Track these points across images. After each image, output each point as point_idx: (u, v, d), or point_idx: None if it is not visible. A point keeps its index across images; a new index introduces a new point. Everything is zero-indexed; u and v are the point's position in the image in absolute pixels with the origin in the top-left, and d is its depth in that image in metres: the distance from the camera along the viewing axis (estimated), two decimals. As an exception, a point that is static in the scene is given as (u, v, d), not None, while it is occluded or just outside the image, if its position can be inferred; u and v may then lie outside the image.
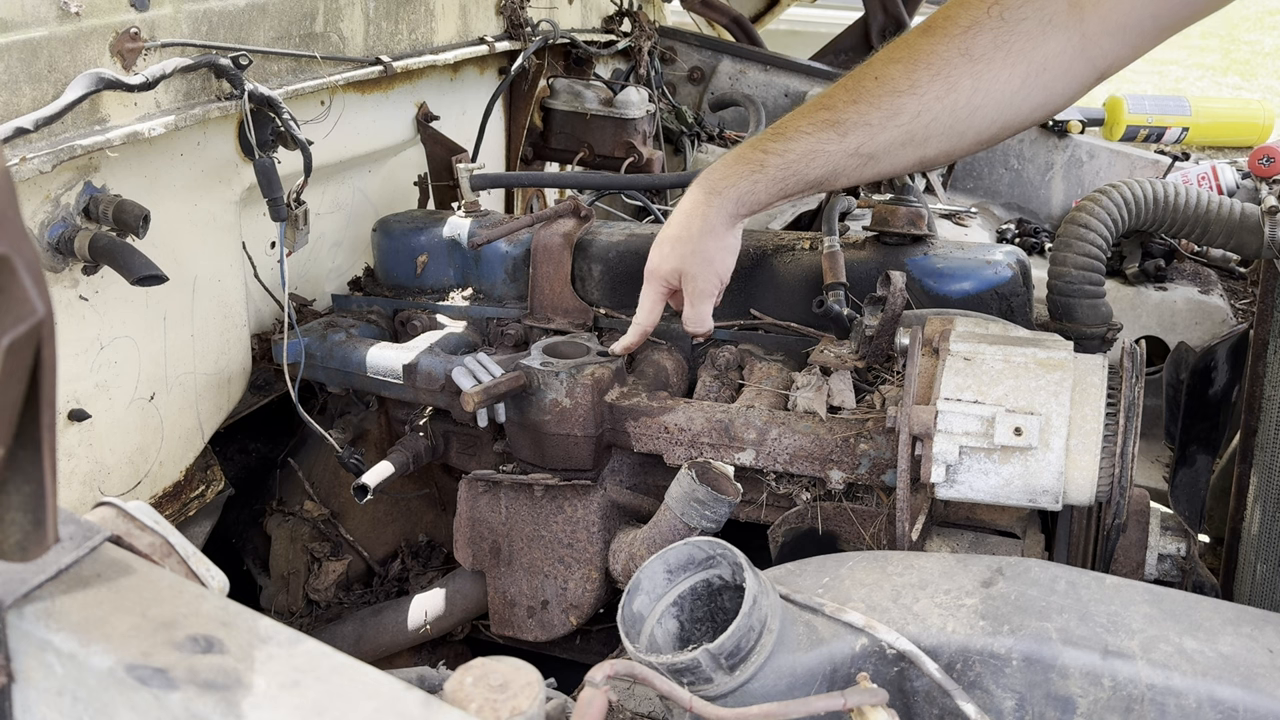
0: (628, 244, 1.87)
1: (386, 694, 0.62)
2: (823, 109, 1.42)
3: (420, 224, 2.01)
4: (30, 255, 0.55)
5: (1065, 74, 1.33)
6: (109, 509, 0.81)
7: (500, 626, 1.73)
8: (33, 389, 0.58)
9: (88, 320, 1.54)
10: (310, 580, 2.01)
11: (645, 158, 2.57)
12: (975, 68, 1.33)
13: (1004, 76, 1.32)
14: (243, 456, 2.14)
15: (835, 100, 1.42)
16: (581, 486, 1.63)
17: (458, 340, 1.86)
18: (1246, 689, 0.92)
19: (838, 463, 1.50)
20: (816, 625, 1.03)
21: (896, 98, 1.36)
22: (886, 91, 1.37)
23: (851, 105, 1.39)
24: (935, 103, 1.35)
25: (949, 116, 1.35)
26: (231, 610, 0.68)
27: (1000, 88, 1.33)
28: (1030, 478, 1.30)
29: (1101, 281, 1.82)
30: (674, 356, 1.79)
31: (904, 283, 1.51)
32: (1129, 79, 10.15)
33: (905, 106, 1.36)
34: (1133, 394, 1.30)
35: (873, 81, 1.38)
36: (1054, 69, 1.32)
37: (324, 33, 1.87)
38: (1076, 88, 1.36)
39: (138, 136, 1.48)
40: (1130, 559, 1.48)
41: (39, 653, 0.65)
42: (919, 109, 1.35)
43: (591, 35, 2.83)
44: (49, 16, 1.39)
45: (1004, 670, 0.97)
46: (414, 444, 1.78)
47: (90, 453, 1.58)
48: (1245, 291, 2.65)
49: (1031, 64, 1.32)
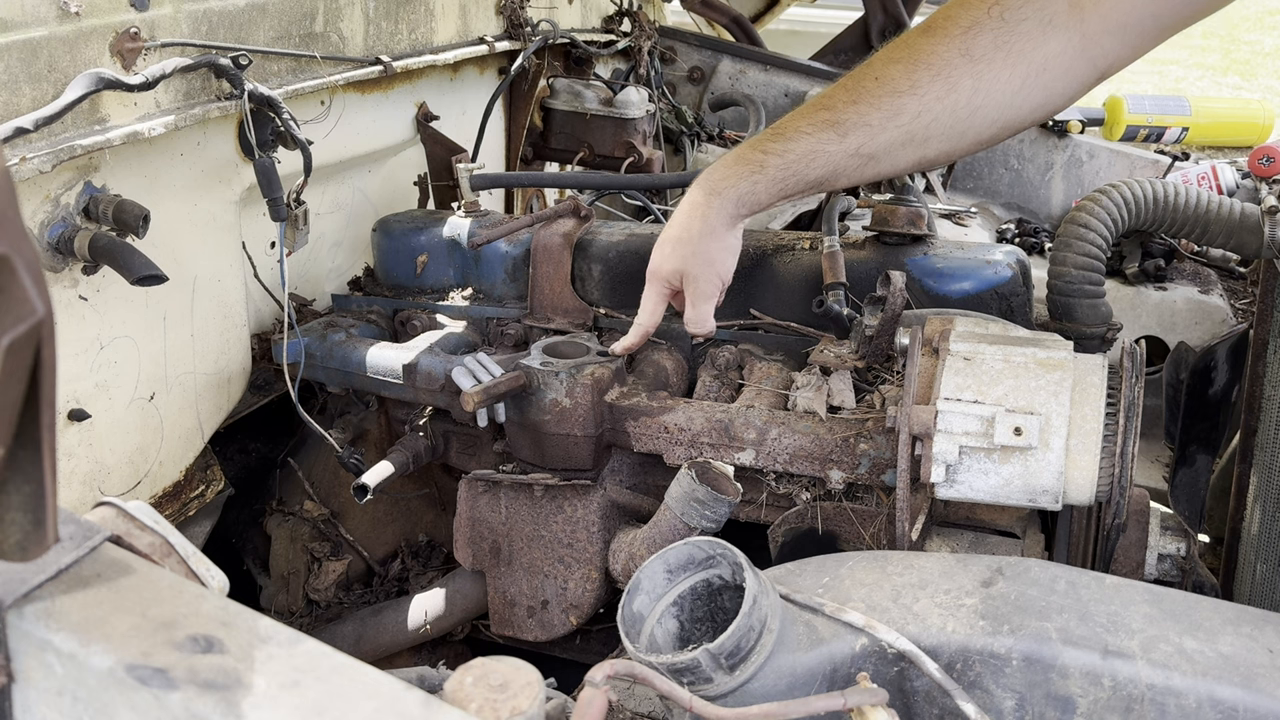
0: (628, 244, 1.87)
1: (386, 694, 0.62)
2: (823, 109, 1.42)
3: (420, 224, 2.01)
4: (30, 255, 0.55)
5: (1066, 74, 1.33)
6: (109, 509, 0.81)
7: (500, 626, 1.73)
8: (33, 389, 0.58)
9: (88, 320, 1.54)
10: (310, 580, 2.01)
11: (645, 158, 2.57)
12: (976, 68, 1.33)
13: (1004, 77, 1.32)
14: (243, 456, 2.14)
15: (835, 101, 1.42)
16: (581, 486, 1.63)
17: (458, 340, 1.86)
18: (1246, 689, 0.92)
19: (838, 463, 1.50)
20: (816, 625, 1.03)
21: (897, 98, 1.36)
22: (887, 92, 1.37)
23: (851, 106, 1.40)
24: (935, 103, 1.35)
25: (949, 117, 1.35)
26: (231, 610, 0.68)
27: (1000, 88, 1.33)
28: (1030, 478, 1.30)
29: (1101, 281, 1.82)
30: (674, 356, 1.79)
31: (904, 283, 1.51)
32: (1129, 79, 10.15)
33: (905, 107, 1.36)
34: (1133, 394, 1.30)
35: (873, 82, 1.39)
36: (1054, 69, 1.32)
37: (324, 33, 1.87)
38: (1077, 88, 1.36)
39: (138, 136, 1.48)
40: (1130, 559, 1.48)
41: (39, 653, 0.65)
42: (919, 109, 1.35)
43: (591, 35, 2.83)
44: (49, 16, 1.39)
45: (1004, 670, 0.97)
46: (414, 444, 1.78)
47: (90, 453, 1.58)
48: (1245, 291, 2.65)
49: (1032, 64, 1.32)
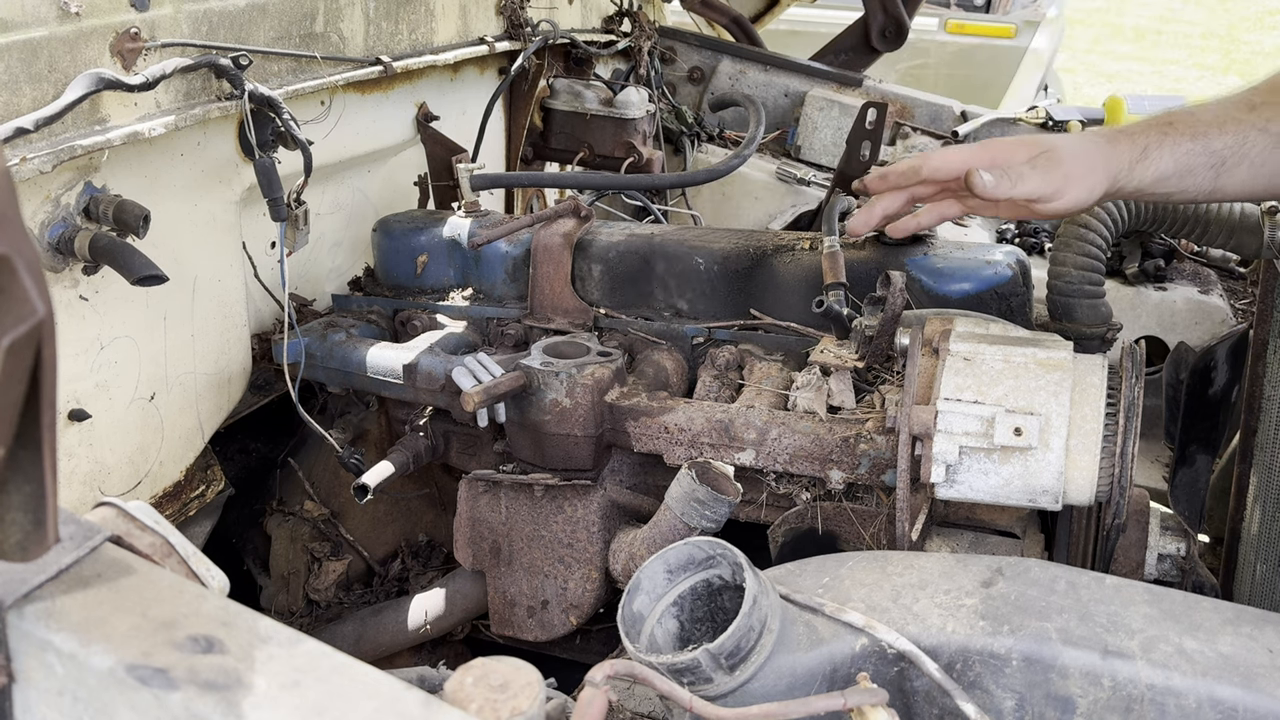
0: (628, 244, 1.87)
1: (387, 694, 0.62)
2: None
3: (420, 224, 2.01)
4: (31, 255, 0.55)
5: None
6: (109, 509, 0.81)
7: (500, 626, 1.73)
8: (33, 389, 0.58)
9: (88, 320, 1.54)
10: (310, 580, 2.01)
11: (645, 158, 2.57)
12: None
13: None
14: (243, 456, 2.14)
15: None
16: (581, 486, 1.63)
17: (458, 340, 1.86)
18: (1246, 689, 0.92)
19: (838, 463, 1.50)
20: (816, 625, 1.03)
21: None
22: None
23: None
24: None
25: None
26: (232, 610, 0.68)
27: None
28: (1030, 478, 1.30)
29: (1101, 281, 1.81)
30: (674, 356, 1.79)
31: (904, 283, 1.51)
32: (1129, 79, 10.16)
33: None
34: (1133, 394, 1.30)
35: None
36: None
37: (324, 33, 1.87)
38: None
39: (138, 136, 1.48)
40: (1130, 559, 1.48)
41: (39, 653, 0.65)
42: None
43: (591, 35, 2.83)
44: (49, 16, 1.39)
45: (1004, 670, 0.97)
46: (414, 444, 1.79)
47: (90, 453, 1.58)
48: (1245, 291, 2.65)
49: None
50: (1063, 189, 1.34)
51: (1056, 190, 1.34)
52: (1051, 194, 1.34)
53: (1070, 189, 1.34)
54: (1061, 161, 1.34)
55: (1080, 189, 1.34)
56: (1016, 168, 1.33)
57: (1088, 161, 1.34)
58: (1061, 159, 1.34)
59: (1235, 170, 1.35)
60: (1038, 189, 1.33)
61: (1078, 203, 1.35)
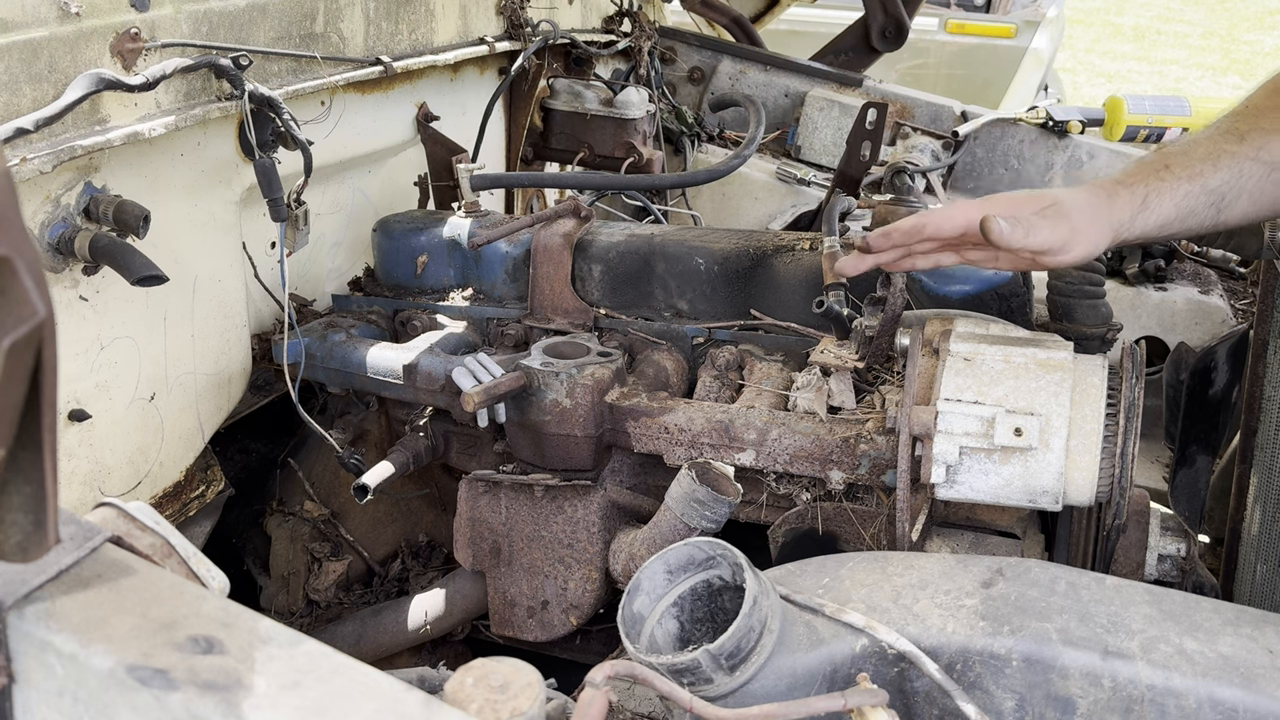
0: (628, 244, 1.87)
1: (387, 695, 0.62)
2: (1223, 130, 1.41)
3: (420, 224, 2.01)
4: (31, 256, 0.55)
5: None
6: (109, 509, 0.81)
7: (500, 627, 1.73)
8: (33, 390, 0.58)
9: (88, 320, 1.54)
10: (310, 580, 2.01)
11: (645, 158, 2.57)
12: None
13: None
14: (243, 456, 2.14)
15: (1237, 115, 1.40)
16: (581, 487, 1.63)
17: (458, 340, 1.86)
18: (1246, 689, 0.92)
19: (838, 463, 1.50)
20: (817, 626, 1.03)
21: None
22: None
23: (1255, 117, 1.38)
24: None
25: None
26: (232, 611, 0.68)
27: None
28: (1030, 478, 1.30)
29: (1101, 282, 1.81)
30: (674, 356, 1.79)
31: (904, 283, 1.51)
32: (1129, 79, 10.16)
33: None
34: (1133, 394, 1.30)
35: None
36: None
37: (324, 33, 1.87)
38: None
39: (138, 137, 1.48)
40: (1130, 559, 1.48)
41: (40, 653, 0.65)
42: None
43: (591, 35, 2.83)
44: (49, 17, 1.39)
45: (1004, 671, 0.97)
46: (414, 444, 1.78)
47: (90, 453, 1.58)
48: (1245, 291, 2.65)
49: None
50: (1070, 242, 1.35)
51: (1065, 243, 1.35)
52: (1060, 246, 1.35)
53: (1077, 242, 1.35)
54: (1068, 214, 1.35)
55: (1086, 242, 1.36)
56: (1028, 218, 1.34)
57: (1091, 214, 1.36)
58: (1068, 212, 1.35)
59: (1235, 204, 1.37)
60: (1048, 240, 1.34)
61: (1083, 255, 1.37)
